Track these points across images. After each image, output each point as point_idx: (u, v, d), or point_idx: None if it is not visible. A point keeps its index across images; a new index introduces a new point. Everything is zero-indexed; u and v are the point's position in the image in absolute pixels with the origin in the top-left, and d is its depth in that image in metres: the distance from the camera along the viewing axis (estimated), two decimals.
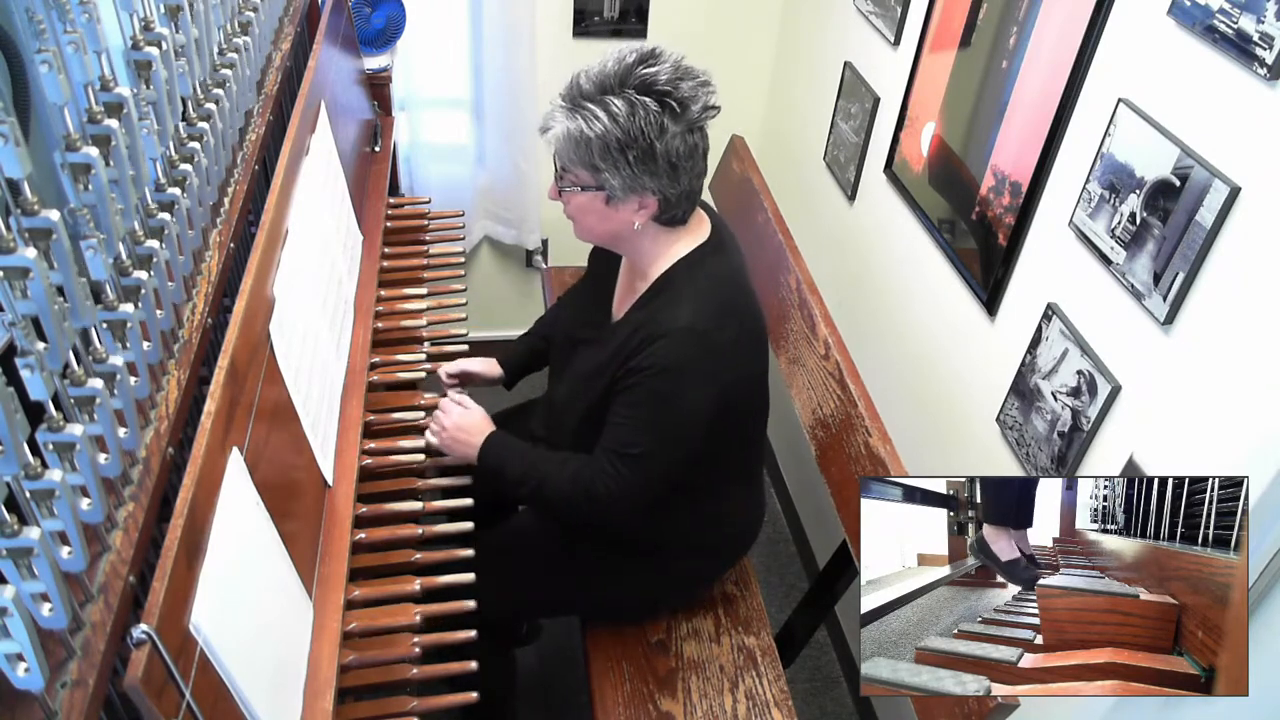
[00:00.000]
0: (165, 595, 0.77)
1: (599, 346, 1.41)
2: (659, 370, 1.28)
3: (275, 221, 1.22)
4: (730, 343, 1.32)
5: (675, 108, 1.21)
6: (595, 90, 1.22)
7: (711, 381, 1.31)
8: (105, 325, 0.83)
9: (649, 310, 1.34)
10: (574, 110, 1.23)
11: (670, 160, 1.24)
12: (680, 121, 1.22)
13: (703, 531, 1.53)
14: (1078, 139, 1.34)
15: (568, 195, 1.31)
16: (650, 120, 1.20)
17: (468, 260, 2.68)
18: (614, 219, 1.31)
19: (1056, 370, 1.37)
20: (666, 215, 1.31)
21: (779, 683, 1.57)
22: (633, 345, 1.31)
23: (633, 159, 1.22)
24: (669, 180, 1.26)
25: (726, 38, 2.50)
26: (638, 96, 1.20)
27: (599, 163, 1.24)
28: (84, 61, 0.81)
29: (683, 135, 1.23)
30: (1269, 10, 0.99)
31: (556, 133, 1.25)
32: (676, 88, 1.21)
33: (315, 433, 1.25)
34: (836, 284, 2.15)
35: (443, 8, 2.32)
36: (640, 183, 1.25)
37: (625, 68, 1.22)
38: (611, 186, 1.26)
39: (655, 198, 1.27)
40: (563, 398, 1.47)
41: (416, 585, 1.26)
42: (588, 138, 1.22)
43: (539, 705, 2.00)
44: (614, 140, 1.21)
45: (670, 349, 1.28)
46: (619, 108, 1.20)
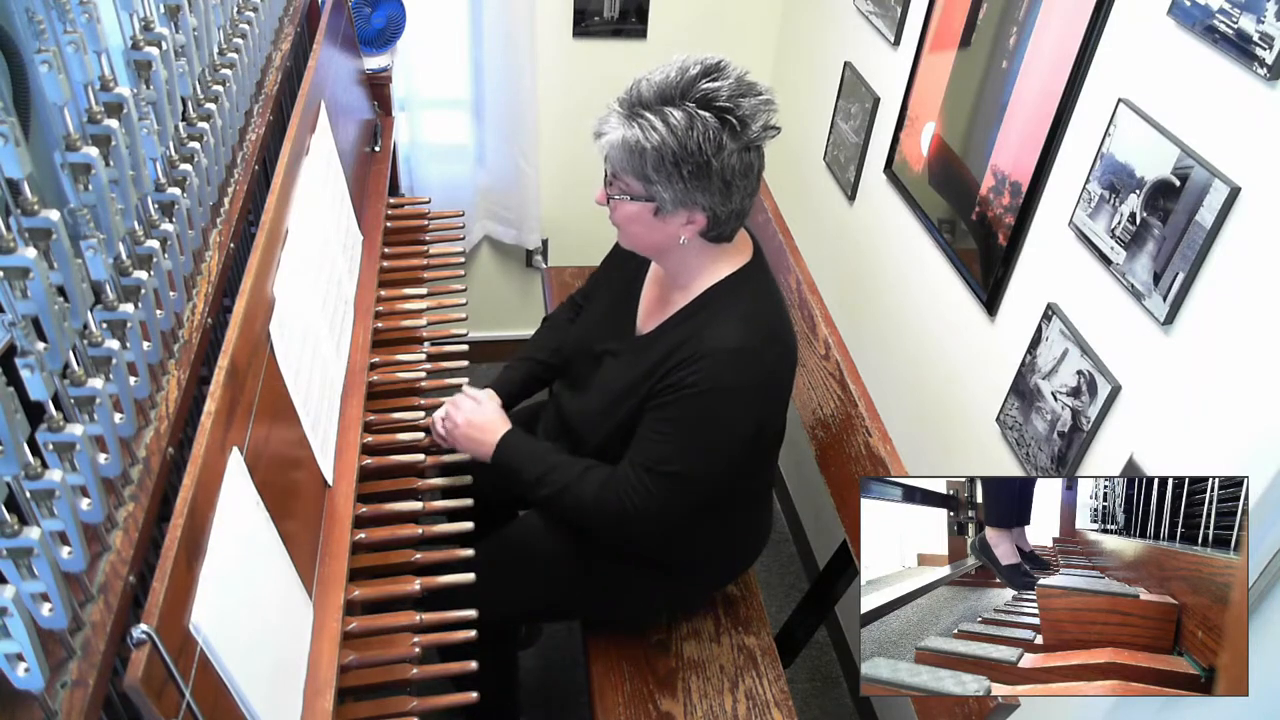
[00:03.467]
0: (165, 595, 0.77)
1: (628, 360, 1.38)
2: (704, 389, 1.26)
3: (275, 221, 1.22)
4: (774, 366, 1.32)
5: (735, 125, 1.19)
6: (655, 99, 1.19)
7: (755, 404, 1.30)
8: (105, 325, 0.83)
9: (690, 327, 1.32)
10: (631, 118, 1.20)
11: (725, 178, 1.21)
12: (739, 139, 1.20)
13: (712, 548, 1.53)
14: (1078, 139, 1.34)
15: (616, 202, 1.28)
16: (709, 136, 1.17)
17: (468, 260, 2.68)
18: (661, 230, 1.28)
19: (1056, 370, 1.37)
20: (714, 232, 1.29)
21: (779, 683, 1.57)
22: (672, 362, 1.29)
23: (687, 174, 1.20)
24: (721, 198, 1.23)
25: (726, 38, 2.50)
26: (698, 111, 1.17)
27: (651, 174, 1.21)
28: (84, 61, 0.81)
29: (739, 153, 1.20)
30: (1269, 10, 0.99)
31: (611, 139, 1.22)
32: (738, 105, 1.19)
33: (315, 433, 1.25)
34: (836, 284, 2.15)
35: (443, 8, 2.32)
36: (692, 198, 1.23)
37: (688, 79, 1.19)
38: (662, 199, 1.23)
39: (705, 214, 1.25)
40: (589, 411, 1.44)
41: (417, 585, 1.26)
42: (643, 147, 1.19)
43: (539, 705, 2.00)
44: (669, 153, 1.18)
45: (716, 368, 1.26)
46: (677, 120, 1.17)
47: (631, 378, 1.36)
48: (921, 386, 1.80)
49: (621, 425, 1.36)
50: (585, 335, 1.53)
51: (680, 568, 1.53)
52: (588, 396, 1.45)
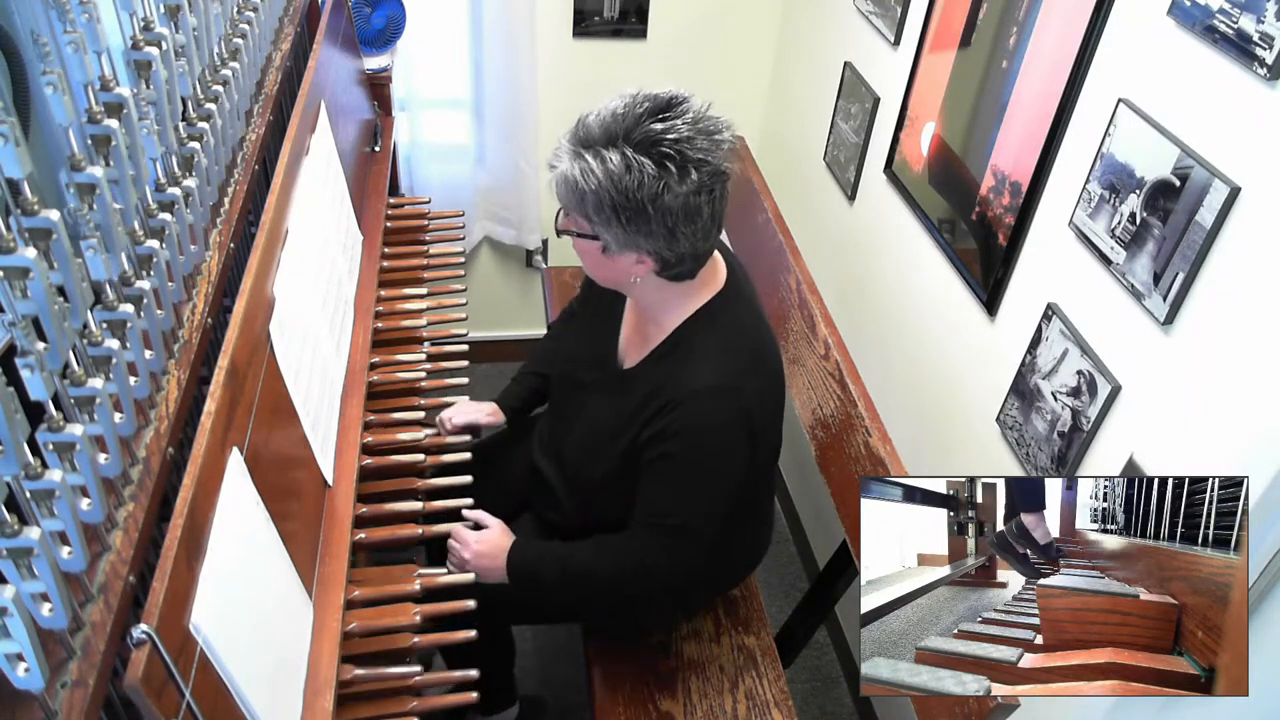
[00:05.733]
0: (165, 595, 0.77)
1: (611, 398, 1.36)
2: (687, 435, 1.24)
3: (275, 221, 1.22)
4: (756, 394, 1.28)
5: (674, 171, 1.12)
6: (600, 137, 1.14)
7: (742, 437, 1.27)
8: (105, 325, 0.83)
9: (665, 368, 1.29)
10: (575, 156, 1.16)
11: (666, 224, 1.15)
12: (685, 183, 1.13)
13: (715, 564, 1.52)
14: (1078, 139, 1.34)
15: (567, 236, 1.26)
16: (644, 183, 1.12)
17: (468, 260, 2.68)
18: (612, 268, 1.24)
19: (1056, 370, 1.37)
20: (668, 272, 1.23)
21: (779, 683, 1.57)
22: (652, 409, 1.27)
23: (624, 219, 1.15)
24: (665, 242, 1.17)
25: (726, 38, 2.50)
26: (634, 156, 1.11)
27: (592, 215, 1.17)
28: (84, 61, 0.81)
29: (686, 197, 1.13)
30: (1269, 10, 0.99)
31: (557, 175, 1.18)
32: (685, 148, 1.12)
33: (315, 433, 1.25)
34: (836, 284, 2.15)
35: (443, 8, 2.32)
36: (635, 241, 1.18)
37: (633, 117, 1.13)
38: (606, 240, 1.20)
39: (651, 258, 1.20)
40: (580, 447, 1.42)
41: (417, 585, 1.26)
42: (582, 190, 1.14)
43: (540, 704, 2.00)
44: (606, 196, 1.13)
45: (696, 412, 1.24)
46: (615, 165, 1.12)
47: (616, 419, 1.33)
48: (921, 386, 1.80)
49: (618, 463, 1.34)
50: (570, 358, 1.51)
51: (684, 587, 1.52)
52: (577, 431, 1.43)
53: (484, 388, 1.76)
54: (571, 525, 1.47)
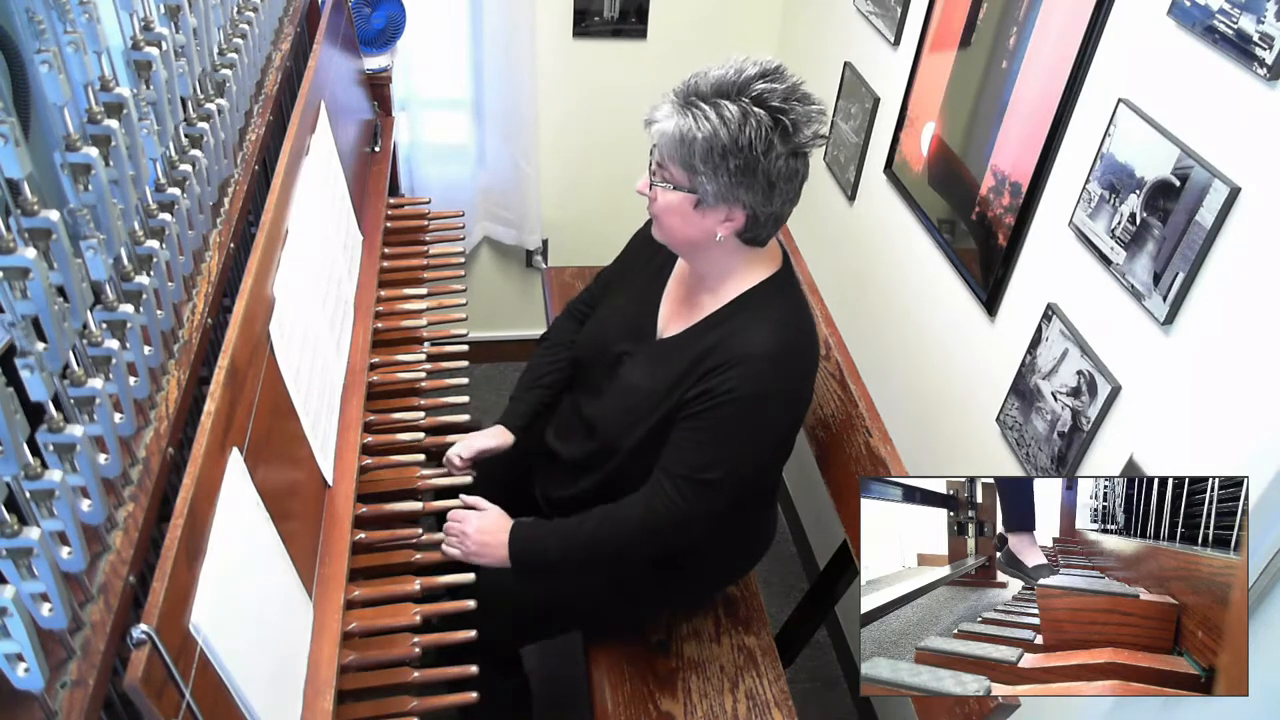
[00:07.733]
0: (165, 595, 0.77)
1: (650, 364, 1.38)
2: (741, 396, 1.27)
3: (275, 221, 1.22)
4: (807, 373, 1.33)
5: (787, 127, 1.20)
6: (711, 92, 1.20)
7: (791, 409, 1.32)
8: (105, 325, 0.83)
9: (720, 332, 1.32)
10: (685, 107, 1.21)
11: (770, 178, 1.22)
12: (788, 142, 1.21)
13: (722, 547, 1.53)
14: (1078, 139, 1.34)
15: (657, 191, 1.28)
16: (760, 134, 1.18)
17: (468, 260, 2.68)
18: (698, 225, 1.28)
19: (1056, 370, 1.37)
20: (750, 234, 1.29)
21: (779, 683, 1.57)
22: (704, 368, 1.30)
23: (734, 168, 1.20)
24: (763, 198, 1.23)
25: (726, 38, 2.50)
26: (752, 107, 1.18)
27: (699, 164, 1.21)
28: (84, 61, 0.81)
29: (787, 157, 1.21)
30: (1269, 10, 0.99)
31: (662, 127, 1.23)
32: (791, 109, 1.20)
33: (315, 433, 1.25)
34: (837, 284, 2.15)
35: (443, 8, 2.32)
36: (735, 194, 1.23)
37: (746, 78, 1.20)
38: (705, 191, 1.24)
39: (745, 213, 1.25)
40: (613, 416, 1.42)
41: (417, 585, 1.26)
42: (694, 137, 1.19)
43: (540, 705, 2.00)
44: (719, 145, 1.19)
45: (754, 374, 1.27)
46: (731, 114, 1.18)
47: (658, 383, 1.35)
48: (921, 386, 1.80)
49: (653, 430, 1.36)
50: (602, 334, 1.51)
51: (689, 567, 1.52)
52: (610, 400, 1.44)
53: (484, 388, 1.76)
54: (584, 500, 1.45)
